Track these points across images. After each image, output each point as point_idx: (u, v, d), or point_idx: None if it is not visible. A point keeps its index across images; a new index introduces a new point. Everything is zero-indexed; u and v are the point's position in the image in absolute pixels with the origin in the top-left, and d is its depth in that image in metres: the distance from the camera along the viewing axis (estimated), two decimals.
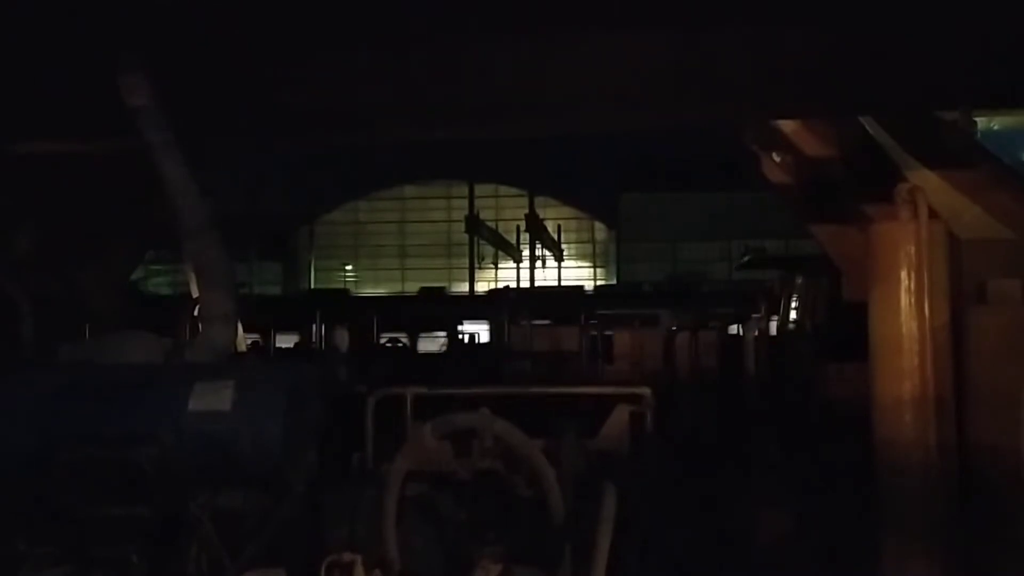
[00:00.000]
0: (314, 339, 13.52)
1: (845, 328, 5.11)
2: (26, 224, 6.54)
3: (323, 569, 2.55)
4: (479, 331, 17.25)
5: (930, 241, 2.86)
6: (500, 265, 24.75)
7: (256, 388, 3.34)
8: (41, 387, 3.62)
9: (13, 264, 5.97)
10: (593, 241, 28.60)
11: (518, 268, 21.22)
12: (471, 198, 19.94)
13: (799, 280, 9.19)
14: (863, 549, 2.96)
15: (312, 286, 25.10)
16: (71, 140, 5.64)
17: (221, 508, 3.15)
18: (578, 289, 18.97)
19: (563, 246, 24.31)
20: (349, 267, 27.09)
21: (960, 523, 2.71)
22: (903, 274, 2.81)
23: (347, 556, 2.59)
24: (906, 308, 2.81)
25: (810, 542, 3.31)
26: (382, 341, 15.52)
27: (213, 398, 3.23)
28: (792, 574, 3.05)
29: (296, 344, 15.50)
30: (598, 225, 29.15)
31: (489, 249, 23.97)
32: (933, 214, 2.91)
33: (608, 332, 10.41)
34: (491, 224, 22.58)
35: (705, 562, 3.55)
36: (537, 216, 20.37)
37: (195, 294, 6.13)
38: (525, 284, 19.82)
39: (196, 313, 5.55)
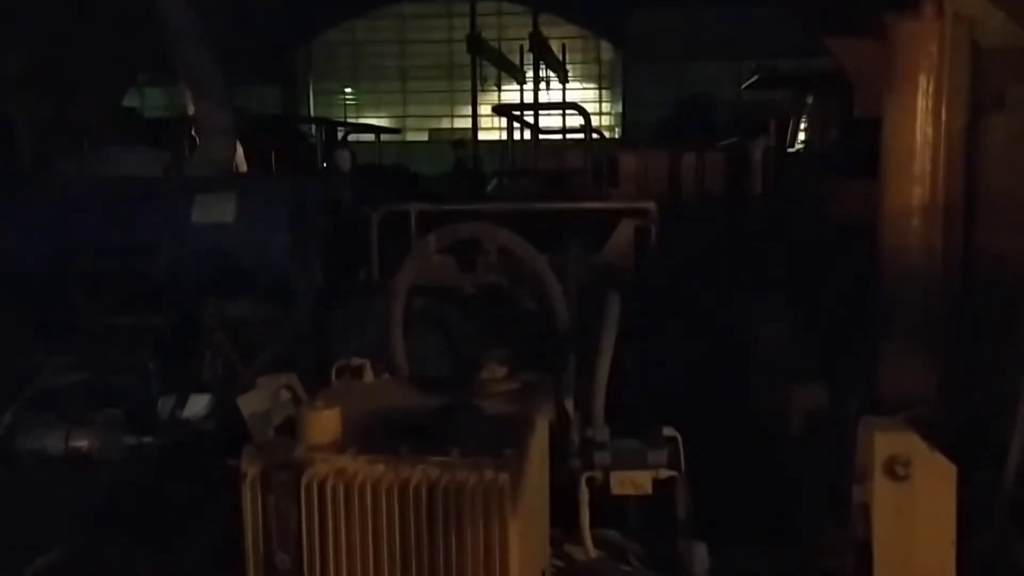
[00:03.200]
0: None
1: (855, 147, 5.04)
2: (17, 45, 6.32)
3: (333, 372, 2.60)
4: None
5: (953, 42, 2.72)
6: (503, 87, 24.12)
7: (258, 200, 3.33)
8: (46, 200, 3.62)
9: (6, 85, 5.80)
10: (600, 62, 27.72)
11: (521, 90, 20.67)
12: (473, 16, 19.09)
13: (809, 99, 8.96)
14: (863, 357, 3.03)
15: (312, 111, 24.58)
16: None
17: (231, 317, 3.21)
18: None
19: (568, 67, 23.58)
20: (348, 90, 26.45)
21: (961, 330, 2.75)
22: (922, 77, 2.69)
23: (356, 360, 2.64)
24: (922, 113, 2.71)
25: (810, 352, 3.38)
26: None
27: (216, 210, 3.22)
28: (789, 379, 3.14)
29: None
30: (604, 45, 28.18)
31: (492, 71, 23.30)
32: (957, 15, 2.76)
33: (613, 153, 10.25)
34: (494, 44, 21.80)
35: (704, 369, 3.65)
36: (542, 35, 19.61)
37: (191, 112, 6.01)
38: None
39: (193, 131, 5.46)
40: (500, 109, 13.03)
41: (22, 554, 2.20)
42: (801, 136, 8.87)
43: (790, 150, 8.48)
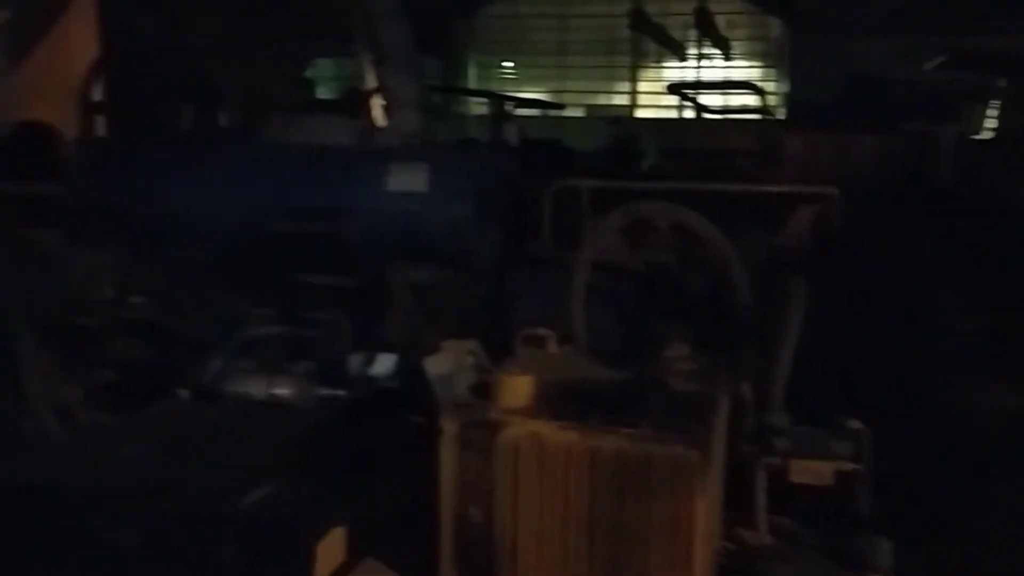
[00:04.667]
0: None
1: None
2: (206, 16, 6.72)
3: (519, 341, 2.69)
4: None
5: None
6: (665, 63, 23.72)
7: (447, 171, 3.46)
8: (250, 163, 3.89)
9: (198, 54, 6.20)
10: (766, 39, 26.78)
11: (683, 67, 20.25)
12: None
13: (1002, 82, 8.36)
14: None
15: (474, 84, 24.98)
16: None
17: (418, 282, 3.37)
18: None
19: (732, 43, 22.89)
20: (509, 64, 26.66)
21: None
22: None
23: (540, 331, 2.72)
24: None
25: (1002, 352, 3.21)
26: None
27: (410, 179, 3.37)
28: (979, 378, 3.01)
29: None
30: (772, 21, 27.17)
31: (652, 46, 22.98)
32: None
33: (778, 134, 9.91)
34: (656, 20, 21.43)
35: (883, 361, 3.53)
36: (708, 10, 19.11)
37: (371, 84, 6.26)
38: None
39: (379, 101, 5.70)
40: (674, 88, 12.81)
41: (233, 490, 2.41)
42: (988, 123, 8.31)
43: (977, 138, 7.96)
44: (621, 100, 26.05)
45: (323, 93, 10.84)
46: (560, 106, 18.45)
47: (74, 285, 3.36)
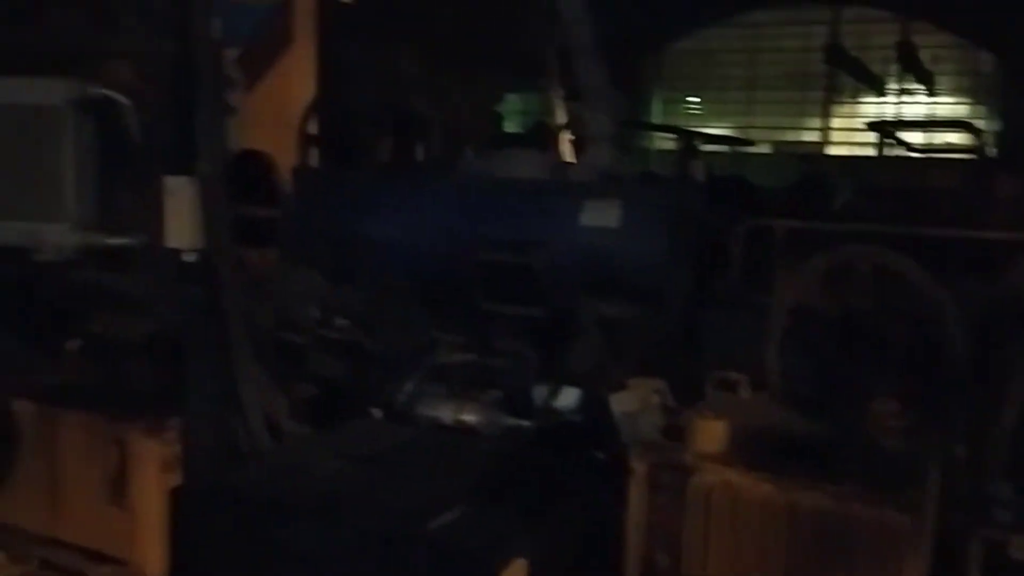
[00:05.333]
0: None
1: None
2: (410, 49, 7.05)
3: (709, 383, 2.63)
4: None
5: None
6: (861, 99, 22.68)
7: (640, 206, 3.44)
8: (446, 194, 4.04)
9: (402, 85, 6.52)
10: (975, 73, 25.04)
11: (882, 102, 19.27)
12: (834, 24, 18.12)
13: None
14: None
15: (659, 119, 24.88)
16: None
17: (606, 317, 3.36)
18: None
19: (937, 78, 21.57)
20: (695, 99, 26.36)
21: None
22: None
23: (733, 374, 2.64)
24: None
25: None
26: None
27: (602, 214, 3.38)
28: None
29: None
30: (982, 56, 25.40)
31: (847, 81, 22.03)
32: None
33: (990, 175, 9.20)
34: (854, 54, 20.54)
35: None
36: (913, 44, 18.12)
37: (561, 120, 6.35)
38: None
39: (569, 136, 5.78)
40: (878, 125, 12.21)
41: (422, 510, 2.47)
42: None
43: None
44: (812, 136, 25.07)
45: (510, 127, 11.13)
46: (749, 142, 17.98)
47: (285, 304, 3.60)
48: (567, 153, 5.52)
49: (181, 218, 3.01)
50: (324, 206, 4.23)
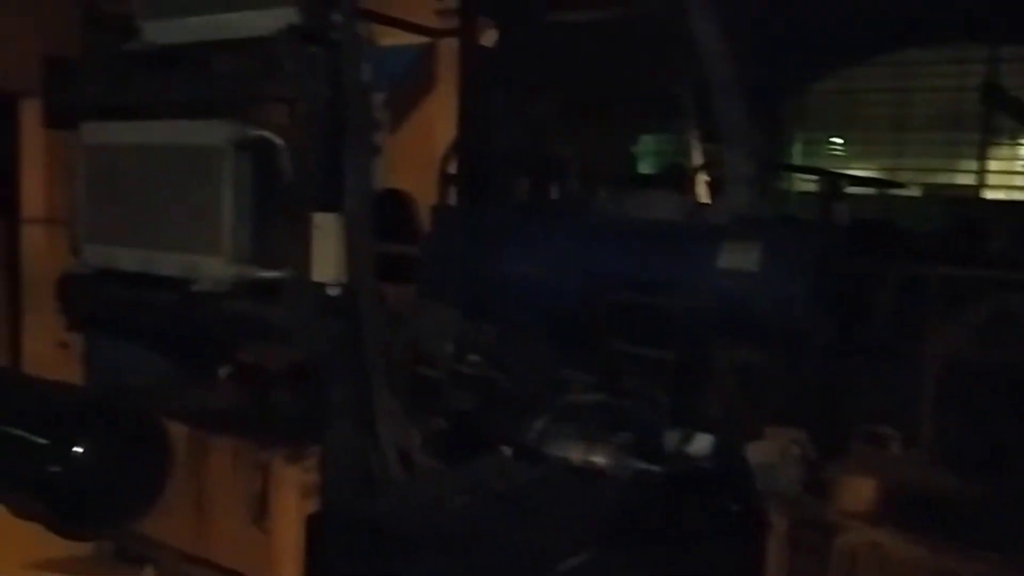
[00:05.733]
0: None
1: None
2: (547, 91, 7.15)
3: (856, 438, 2.50)
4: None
5: None
6: (1020, 140, 21.40)
7: (783, 250, 3.34)
8: (581, 233, 4.05)
9: (538, 126, 6.61)
10: None
11: None
12: (990, 62, 17.16)
13: None
14: None
15: (800, 160, 24.21)
16: (595, 6, 6.00)
17: (742, 362, 3.26)
18: None
19: None
20: (838, 140, 25.46)
21: None
22: None
23: (881, 429, 2.51)
24: None
25: None
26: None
27: (741, 257, 3.30)
28: None
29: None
30: None
31: (1005, 122, 20.80)
32: None
33: None
34: (1013, 93, 19.40)
35: None
36: None
37: (697, 160, 6.27)
38: None
39: (705, 177, 5.70)
40: None
41: (550, 551, 2.45)
42: None
43: None
44: (966, 179, 23.75)
45: (645, 168, 11.07)
46: (897, 184, 17.17)
47: (421, 339, 3.68)
48: (703, 194, 5.44)
49: (327, 253, 3.15)
50: (461, 244, 4.32)
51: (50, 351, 4.34)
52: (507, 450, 3.36)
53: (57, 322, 4.24)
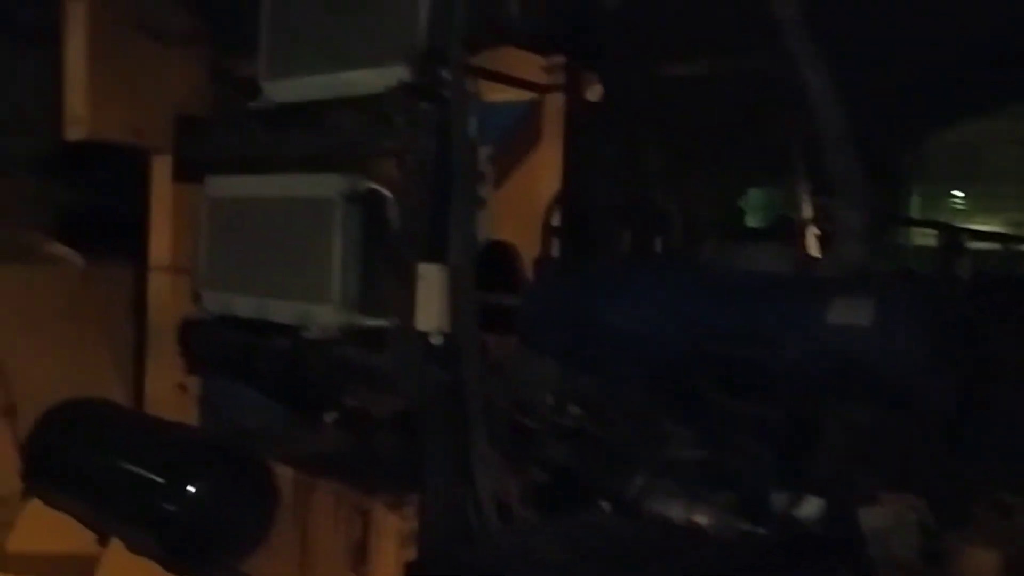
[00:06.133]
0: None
1: None
2: (652, 144, 7.16)
3: (977, 506, 2.35)
4: None
5: None
6: None
7: (898, 305, 3.21)
8: (685, 285, 4.00)
9: (643, 179, 6.61)
10: None
11: None
12: None
13: None
14: None
15: (918, 213, 23.34)
16: (704, 59, 5.99)
17: (854, 422, 3.13)
18: None
19: None
20: (959, 193, 24.48)
21: None
22: None
23: (1007, 497, 2.35)
24: None
25: None
26: None
27: (852, 312, 3.18)
28: None
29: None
30: None
31: None
32: None
33: None
34: None
35: None
36: None
37: (807, 213, 6.12)
38: None
39: (816, 230, 5.56)
40: None
41: None
42: None
43: None
44: None
45: (753, 221, 10.89)
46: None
47: (521, 389, 3.68)
48: (813, 247, 5.30)
49: (431, 303, 3.21)
50: (563, 295, 4.32)
51: (170, 393, 4.55)
52: (606, 504, 3.31)
53: (177, 365, 4.45)
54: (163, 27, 4.37)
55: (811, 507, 2.99)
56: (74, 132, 4.27)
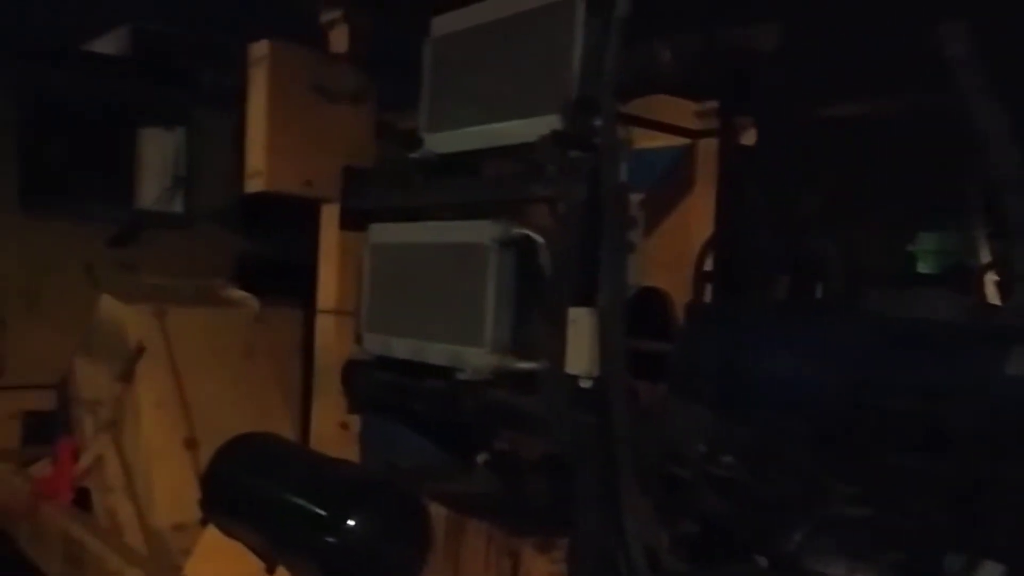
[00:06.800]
0: None
1: None
2: (812, 186, 6.95)
3: None
4: None
5: None
6: None
7: None
8: (850, 333, 3.83)
9: (801, 223, 6.41)
10: None
11: None
12: None
13: None
14: None
15: None
16: (869, 99, 5.79)
17: None
18: None
19: None
20: None
21: None
22: None
23: None
24: None
25: None
26: None
27: None
28: None
29: None
30: None
31: None
32: None
33: None
34: None
35: None
36: None
37: (984, 259, 5.74)
38: None
39: (994, 277, 5.20)
40: None
41: None
42: None
43: None
44: None
45: (923, 267, 10.31)
46: None
47: (672, 437, 3.63)
48: (991, 295, 4.96)
49: (581, 347, 3.23)
50: (716, 342, 4.24)
51: (333, 430, 4.77)
52: (761, 560, 3.19)
53: (341, 404, 4.68)
54: (334, 87, 4.69)
55: (989, 572, 2.77)
56: (253, 185, 4.63)
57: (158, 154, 7.87)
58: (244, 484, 4.29)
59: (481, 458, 3.95)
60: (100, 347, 5.87)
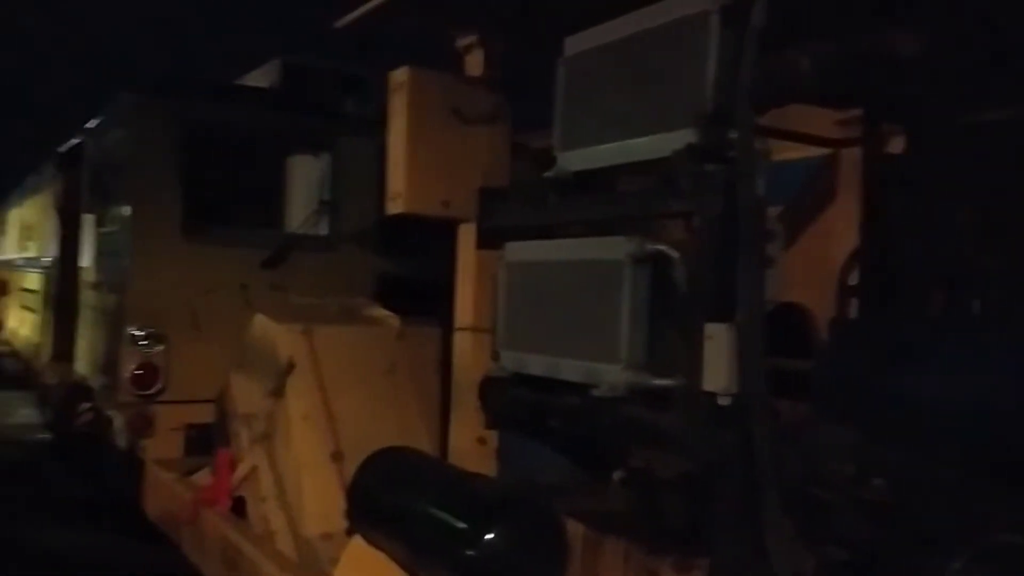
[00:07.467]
0: None
1: None
2: (966, 195, 6.55)
3: None
4: None
5: None
6: None
7: None
8: (1012, 352, 3.60)
9: (955, 235, 6.05)
10: None
11: None
12: None
13: None
14: None
15: None
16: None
17: None
18: None
19: None
20: None
21: None
22: None
23: None
24: None
25: None
26: None
27: None
28: None
29: None
30: None
31: None
32: None
33: None
34: None
35: None
36: None
37: None
38: None
39: None
40: None
41: None
42: None
43: None
44: None
45: None
46: None
47: (815, 458, 3.50)
48: None
49: (719, 363, 3.18)
50: (864, 359, 4.06)
51: (470, 446, 4.86)
52: None
53: (478, 419, 4.76)
54: (470, 109, 4.82)
55: None
56: (394, 207, 4.80)
57: (305, 180, 8.30)
58: (387, 497, 4.44)
59: (617, 475, 3.93)
60: (253, 363, 6.21)
